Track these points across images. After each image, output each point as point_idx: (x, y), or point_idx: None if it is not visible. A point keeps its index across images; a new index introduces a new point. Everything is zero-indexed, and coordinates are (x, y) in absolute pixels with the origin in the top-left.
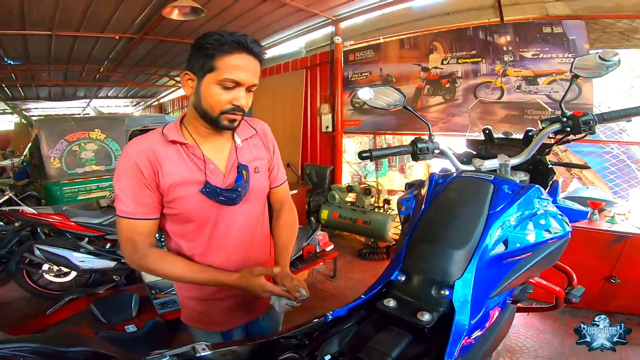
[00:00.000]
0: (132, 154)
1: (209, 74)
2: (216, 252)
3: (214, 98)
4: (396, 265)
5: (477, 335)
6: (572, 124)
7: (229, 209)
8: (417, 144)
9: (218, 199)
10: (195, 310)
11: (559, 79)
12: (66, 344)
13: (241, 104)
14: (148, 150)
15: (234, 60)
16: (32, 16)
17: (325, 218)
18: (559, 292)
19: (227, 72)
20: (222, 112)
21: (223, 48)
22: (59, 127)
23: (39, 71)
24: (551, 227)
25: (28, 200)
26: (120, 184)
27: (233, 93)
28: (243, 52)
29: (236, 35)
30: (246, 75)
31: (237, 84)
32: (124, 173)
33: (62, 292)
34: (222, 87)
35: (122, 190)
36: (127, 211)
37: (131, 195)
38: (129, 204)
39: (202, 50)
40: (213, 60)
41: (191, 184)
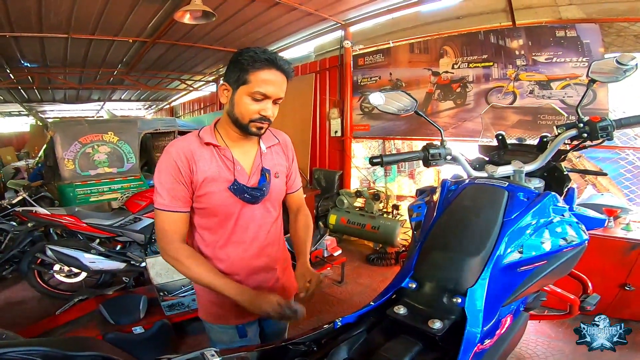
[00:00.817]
0: (172, 153)
1: (242, 86)
2: (235, 245)
3: (245, 107)
4: (407, 272)
5: (489, 344)
6: (589, 130)
7: (250, 206)
8: (429, 149)
9: (243, 197)
10: (213, 305)
11: (573, 83)
12: (75, 348)
13: (268, 114)
14: (186, 150)
15: (264, 75)
16: (49, 19)
17: (334, 223)
18: (574, 300)
19: (258, 86)
20: (251, 120)
21: (256, 64)
22: (73, 129)
23: (55, 74)
24: (567, 235)
25: (42, 201)
26: (160, 178)
27: (261, 104)
28: (273, 69)
29: (268, 53)
30: (274, 90)
31: (266, 97)
32: (164, 169)
33: (72, 292)
34: (252, 98)
35: (161, 184)
36: (163, 203)
37: (168, 190)
38: (165, 197)
39: (238, 65)
40: (247, 75)
41: (220, 181)
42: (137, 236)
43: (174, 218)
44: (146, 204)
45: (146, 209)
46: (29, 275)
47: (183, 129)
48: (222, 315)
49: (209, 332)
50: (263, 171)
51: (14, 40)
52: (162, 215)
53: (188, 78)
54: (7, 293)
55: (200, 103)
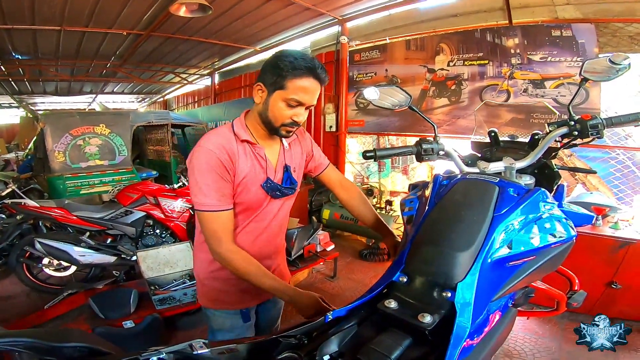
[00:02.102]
0: (214, 150)
1: (279, 90)
2: (248, 234)
3: (279, 112)
4: (398, 266)
5: (478, 338)
6: (580, 128)
7: (275, 201)
8: (422, 144)
9: (274, 194)
10: (215, 290)
11: (566, 82)
12: (61, 339)
13: (300, 120)
14: (228, 147)
15: (301, 82)
16: (42, 12)
17: (327, 218)
18: (561, 296)
19: (294, 93)
20: (282, 124)
21: (294, 72)
22: (64, 121)
23: (46, 66)
24: (556, 231)
25: (31, 193)
26: (204, 178)
27: (295, 110)
28: (310, 77)
29: (307, 60)
30: (309, 97)
31: (300, 104)
32: (208, 168)
33: (62, 286)
34: (287, 104)
35: (207, 184)
36: (211, 204)
37: (216, 189)
38: (213, 197)
39: (276, 69)
40: (284, 80)
41: (256, 179)
42: (128, 229)
43: (224, 217)
44: (138, 197)
45: (137, 201)
46: (17, 268)
47: (177, 121)
48: (227, 302)
49: (211, 320)
50: (286, 167)
51: (5, 33)
52: (210, 217)
53: (183, 71)
54: None
55: (195, 96)
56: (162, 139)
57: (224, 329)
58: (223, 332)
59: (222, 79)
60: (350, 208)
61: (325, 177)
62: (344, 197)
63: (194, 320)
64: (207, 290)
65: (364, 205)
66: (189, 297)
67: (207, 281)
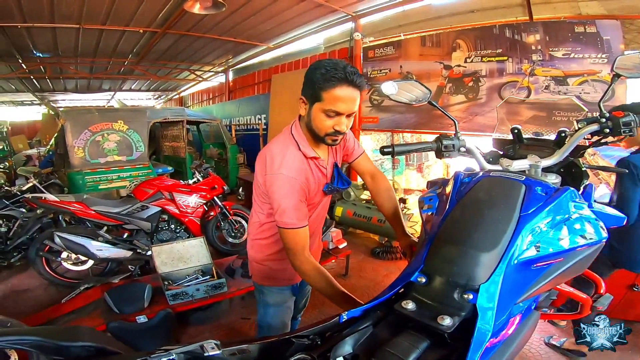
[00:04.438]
0: (295, 177)
1: (317, 102)
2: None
3: (321, 123)
4: (416, 266)
5: (499, 342)
6: (612, 125)
7: (325, 197)
8: (442, 140)
9: (331, 192)
10: (269, 269)
11: (590, 79)
12: (69, 338)
13: (341, 129)
14: (304, 170)
15: (336, 92)
16: (61, 10)
17: (340, 215)
18: (586, 300)
19: (330, 104)
20: (326, 134)
21: (328, 83)
22: (84, 117)
23: (66, 64)
24: (586, 233)
25: (51, 188)
26: (286, 201)
27: (335, 120)
28: (345, 85)
29: (340, 70)
30: (346, 106)
31: (338, 114)
32: (289, 192)
33: (79, 280)
34: (326, 115)
35: (289, 206)
36: (293, 223)
37: (295, 209)
38: (293, 217)
39: (311, 82)
40: (319, 92)
41: (319, 186)
42: (144, 224)
43: (303, 233)
44: (153, 192)
45: (153, 197)
46: (36, 262)
47: (192, 118)
48: (281, 279)
49: (266, 295)
50: (335, 165)
51: (26, 31)
52: (291, 233)
53: (197, 68)
54: (14, 280)
55: (209, 93)
56: (177, 135)
57: (276, 304)
58: (275, 307)
59: (236, 76)
60: (374, 198)
61: (357, 165)
62: (371, 187)
63: (206, 315)
64: (264, 270)
65: (388, 199)
66: (201, 292)
67: (265, 262)
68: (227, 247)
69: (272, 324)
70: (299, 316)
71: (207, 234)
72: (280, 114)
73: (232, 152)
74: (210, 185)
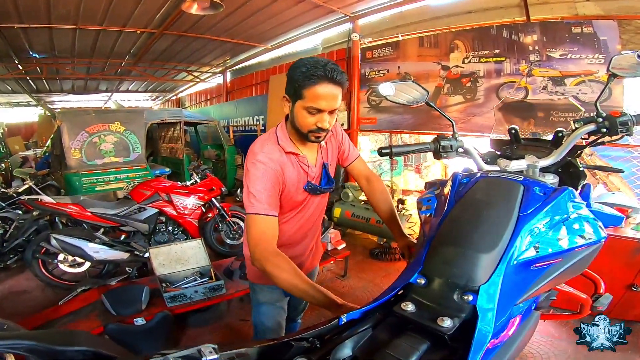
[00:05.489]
0: (268, 163)
1: (298, 100)
2: (291, 223)
3: (303, 120)
4: (416, 267)
5: (500, 343)
6: (609, 125)
7: (312, 197)
8: (440, 141)
9: (314, 192)
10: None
11: (587, 80)
12: (64, 342)
13: (324, 126)
14: (280, 160)
15: (317, 90)
16: (58, 10)
17: (338, 216)
18: (585, 300)
19: (311, 101)
20: (309, 131)
21: (308, 81)
22: (80, 119)
23: (63, 65)
24: (585, 233)
25: (48, 189)
26: (258, 186)
27: (317, 117)
28: (325, 82)
29: (320, 68)
30: (327, 103)
31: (320, 110)
32: (262, 178)
33: (76, 282)
34: (308, 112)
35: (260, 191)
36: (262, 208)
37: (268, 196)
38: (264, 202)
39: (293, 80)
40: (301, 90)
41: (299, 184)
42: (141, 226)
43: (271, 222)
44: (151, 194)
45: (151, 198)
46: (33, 264)
47: (189, 119)
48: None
49: (258, 293)
50: (324, 165)
51: (22, 32)
52: (259, 220)
53: (195, 69)
54: (10, 282)
55: (207, 94)
56: (175, 136)
57: (269, 302)
58: (267, 305)
59: (233, 77)
60: (370, 201)
61: (353, 169)
62: (366, 190)
63: (205, 317)
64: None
65: (383, 201)
66: (199, 294)
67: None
68: (225, 248)
69: (265, 323)
70: (298, 318)
71: (205, 235)
72: (278, 114)
73: (229, 153)
74: (208, 187)
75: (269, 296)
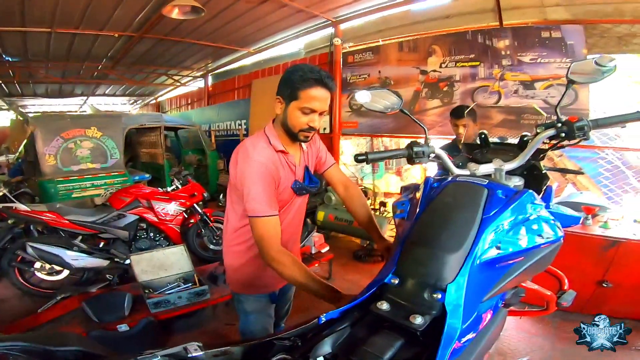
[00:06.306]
0: (265, 162)
1: (294, 101)
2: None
3: (296, 120)
4: (390, 268)
5: (469, 339)
6: (567, 130)
7: (297, 198)
8: (413, 147)
9: (301, 192)
10: (249, 276)
11: (555, 84)
12: (56, 343)
13: (314, 125)
14: (274, 159)
15: (312, 92)
16: (33, 13)
17: (321, 219)
18: (550, 297)
19: (307, 102)
20: (300, 130)
21: (305, 83)
22: (55, 124)
23: (36, 68)
24: (543, 232)
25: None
26: (257, 187)
27: (309, 117)
28: (319, 86)
29: (315, 73)
30: (320, 105)
31: (313, 111)
32: (260, 179)
33: (54, 290)
34: (302, 112)
35: (259, 192)
36: (264, 210)
37: (267, 197)
38: (265, 204)
39: (290, 82)
40: (297, 92)
41: (288, 182)
42: (121, 233)
43: (274, 222)
44: (130, 200)
45: (130, 205)
46: (9, 273)
47: (170, 124)
48: (259, 286)
49: (244, 304)
50: (306, 167)
51: None
52: (263, 222)
53: (175, 73)
54: None
55: (188, 98)
56: (155, 141)
57: (255, 312)
58: (255, 314)
59: (215, 81)
60: (348, 207)
61: (329, 175)
62: (344, 196)
63: (190, 322)
64: (241, 277)
65: (361, 206)
66: (183, 300)
67: (243, 268)
68: (208, 253)
69: (254, 332)
70: (281, 323)
71: (187, 241)
72: (260, 119)
73: (212, 158)
74: (189, 193)
75: (255, 305)
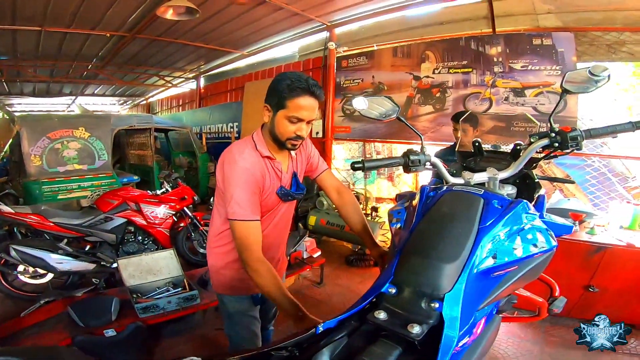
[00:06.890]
0: (250, 168)
1: (281, 110)
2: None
3: (284, 128)
4: (387, 277)
5: (465, 346)
6: (560, 140)
7: (282, 203)
8: (409, 156)
9: (287, 198)
10: (229, 278)
11: (545, 91)
12: (48, 357)
13: (302, 134)
14: (259, 165)
15: (299, 101)
16: (24, 11)
17: (313, 224)
18: (542, 303)
19: (294, 111)
20: (288, 139)
21: (292, 92)
22: (42, 124)
23: (25, 66)
24: (538, 242)
25: (6, 198)
26: (240, 191)
27: (297, 125)
28: (306, 95)
29: (303, 82)
30: (307, 114)
31: (300, 120)
32: (244, 183)
33: (38, 294)
34: (289, 121)
35: (242, 197)
36: (245, 214)
37: (250, 201)
38: (247, 208)
39: (277, 91)
40: (284, 101)
41: (273, 188)
42: (108, 236)
43: (254, 227)
44: (118, 203)
45: (118, 208)
46: None
47: (160, 125)
48: (241, 288)
49: (227, 305)
50: (294, 174)
51: None
52: (244, 226)
53: (167, 74)
54: None
55: (179, 100)
56: (144, 143)
57: (238, 313)
58: (237, 315)
59: (207, 83)
60: (341, 213)
61: (321, 181)
62: (337, 202)
63: (180, 327)
64: (223, 279)
65: (354, 212)
66: (173, 305)
67: (224, 270)
68: (198, 258)
69: (239, 333)
70: (269, 326)
71: (177, 245)
72: (253, 122)
73: (202, 161)
74: (179, 196)
75: (237, 306)
